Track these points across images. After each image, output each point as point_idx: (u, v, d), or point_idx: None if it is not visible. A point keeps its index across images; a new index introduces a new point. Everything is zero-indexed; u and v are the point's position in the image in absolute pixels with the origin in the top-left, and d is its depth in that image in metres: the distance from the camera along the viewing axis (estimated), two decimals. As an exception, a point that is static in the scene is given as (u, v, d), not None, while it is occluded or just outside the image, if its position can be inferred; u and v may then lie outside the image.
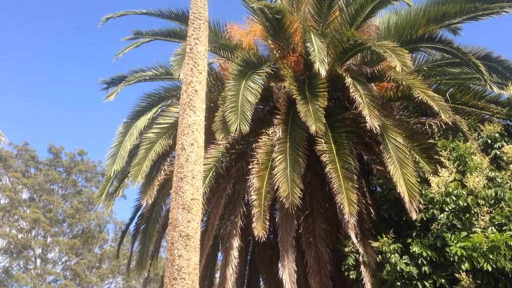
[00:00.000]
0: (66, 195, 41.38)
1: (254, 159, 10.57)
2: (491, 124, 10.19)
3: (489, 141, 9.86)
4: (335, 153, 10.09)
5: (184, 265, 5.97)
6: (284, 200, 9.51)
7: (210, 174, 10.86)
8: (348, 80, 10.28)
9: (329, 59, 10.74)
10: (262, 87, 10.67)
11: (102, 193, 12.64)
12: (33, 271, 37.01)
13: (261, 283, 15.99)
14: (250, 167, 10.55)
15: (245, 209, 11.01)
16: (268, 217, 9.91)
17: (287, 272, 9.74)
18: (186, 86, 7.19)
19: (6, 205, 37.53)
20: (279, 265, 9.94)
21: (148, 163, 11.06)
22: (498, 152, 9.55)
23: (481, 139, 9.99)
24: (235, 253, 10.91)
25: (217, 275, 13.79)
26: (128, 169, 11.81)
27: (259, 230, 9.55)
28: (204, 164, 10.78)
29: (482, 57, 11.60)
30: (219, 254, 14.11)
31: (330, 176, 9.83)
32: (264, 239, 9.66)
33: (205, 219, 13.03)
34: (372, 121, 9.41)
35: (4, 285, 36.61)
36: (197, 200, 6.54)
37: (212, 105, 11.48)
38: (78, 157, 41.15)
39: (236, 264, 10.96)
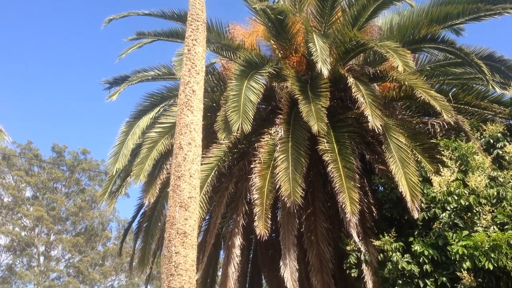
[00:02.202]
0: (69, 193, 41.52)
1: (256, 158, 10.62)
2: (493, 124, 10.21)
3: (491, 141, 9.88)
4: (337, 152, 10.13)
5: (181, 262, 6.06)
6: (286, 199, 9.56)
7: (212, 173, 10.92)
8: (350, 80, 10.31)
9: (332, 60, 10.77)
10: (265, 87, 10.71)
11: (105, 191, 12.73)
12: (37, 268, 37.16)
13: (263, 281, 16.05)
14: (252, 166, 10.60)
15: (247, 208, 11.06)
16: (270, 216, 9.96)
17: (288, 270, 9.78)
18: (184, 87, 7.30)
19: (10, 203, 37.68)
20: (281, 263, 9.97)
21: (150, 162, 11.12)
22: (500, 152, 9.57)
23: (483, 139, 10.00)
24: (237, 251, 10.95)
25: (219, 273, 13.84)
26: (130, 168, 11.87)
27: (261, 228, 9.60)
28: (206, 163, 10.93)
29: (485, 57, 11.61)
30: (222, 252, 14.15)
31: (332, 175, 9.87)
32: (266, 238, 9.71)
33: (207, 217, 13.09)
34: (374, 121, 9.45)
35: (8, 282, 36.76)
36: (194, 198, 6.63)
37: (214, 104, 11.55)
38: (81, 155, 41.30)
39: (238, 262, 11.00)
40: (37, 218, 37.12)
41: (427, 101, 9.78)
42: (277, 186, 9.85)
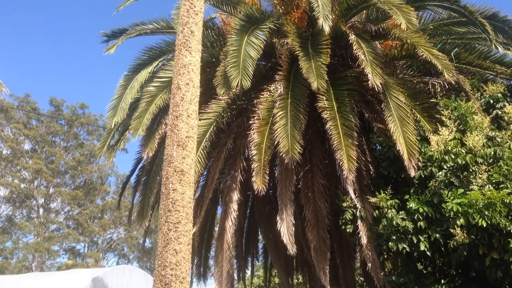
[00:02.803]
0: (68, 147, 41.67)
1: (255, 115, 10.60)
2: (494, 84, 10.16)
3: (491, 101, 9.86)
4: (336, 110, 10.11)
5: (179, 199, 6.17)
6: (284, 155, 9.60)
7: (211, 129, 10.92)
8: (352, 37, 10.17)
9: (333, 16, 10.58)
10: (265, 43, 10.56)
11: (103, 145, 12.75)
12: (36, 219, 37.74)
13: (260, 236, 16.37)
14: (251, 122, 10.59)
15: (245, 164, 11.13)
16: (267, 172, 10.03)
17: (285, 225, 9.93)
18: (182, 27, 7.23)
19: (8, 155, 37.86)
20: (278, 218, 10.12)
21: (149, 116, 11.09)
22: (500, 112, 9.57)
23: (483, 99, 9.98)
24: (234, 206, 11.10)
25: (217, 228, 14.05)
26: (129, 122, 11.85)
27: (258, 184, 9.68)
28: (205, 119, 10.92)
29: (489, 16, 11.41)
30: (219, 208, 14.34)
31: (330, 133, 9.88)
32: (264, 193, 9.80)
33: (205, 173, 13.19)
34: (374, 79, 9.38)
35: (8, 232, 37.38)
36: (192, 138, 6.70)
37: (213, 60, 11.42)
38: (80, 110, 41.22)
39: (235, 216, 11.17)
40: (36, 171, 37.38)
41: (429, 59, 9.68)
42: (275, 143, 9.87)
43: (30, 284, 17.22)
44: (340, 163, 9.50)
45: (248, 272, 17.93)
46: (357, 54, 9.89)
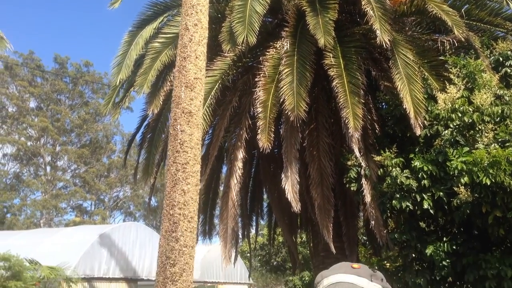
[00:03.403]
0: (73, 105, 41.72)
1: (260, 72, 10.49)
2: (504, 42, 9.96)
3: (501, 59, 9.68)
4: (343, 67, 9.98)
5: (187, 140, 6.18)
6: (289, 113, 9.55)
7: (216, 86, 10.85)
8: (361, -9, 9.93)
9: (342, -30, 10.32)
10: (271, -2, 10.35)
11: (108, 101, 12.72)
12: (43, 177, 38.21)
13: (264, 195, 16.51)
14: (256, 79, 10.50)
15: (250, 122, 11.10)
16: (273, 130, 10.01)
17: (290, 183, 9.97)
18: None
19: (14, 113, 37.99)
20: (283, 175, 10.15)
21: (153, 73, 11.01)
22: (509, 70, 9.41)
23: (492, 57, 9.80)
24: (239, 164, 11.13)
25: (222, 187, 14.17)
26: (134, 79, 11.79)
27: (263, 141, 9.68)
28: (210, 76, 10.82)
29: (501, -29, 11.11)
30: (224, 167, 14.41)
31: (336, 91, 9.79)
32: (269, 151, 9.80)
33: (210, 131, 13.20)
34: (383, 35, 9.21)
35: (16, 189, 37.94)
36: (200, 80, 6.66)
37: (219, 15, 11.23)
38: (84, 68, 41.02)
39: (240, 175, 11.21)
40: (42, 129, 37.57)
41: (439, 15, 9.47)
42: (281, 100, 9.81)
43: (38, 239, 17.59)
44: (346, 121, 9.45)
45: (253, 231, 18.21)
46: (365, 10, 9.68)
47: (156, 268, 4.96)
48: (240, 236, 16.16)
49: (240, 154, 11.19)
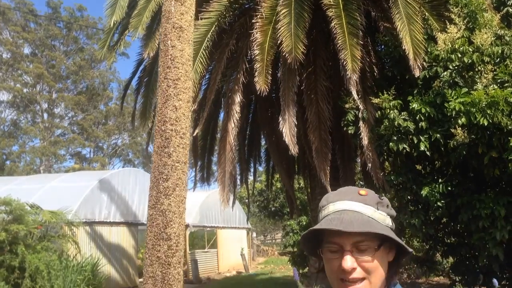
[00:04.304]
0: (68, 51, 41.11)
1: (258, 14, 10.25)
2: (507, -19, 9.69)
3: (503, -2, 9.46)
4: (341, 8, 9.73)
5: (178, 55, 6.08)
6: (287, 55, 9.41)
7: (213, 28, 10.64)
8: None
9: None
10: None
11: (103, 45, 12.50)
12: (41, 124, 38.18)
13: (262, 142, 16.58)
14: (253, 21, 10.28)
15: (247, 66, 10.97)
16: (270, 72, 9.89)
17: (287, 126, 9.95)
18: None
19: (9, 59, 37.45)
20: (280, 119, 10.12)
21: (148, 14, 10.77)
22: (511, 10, 9.21)
23: (495, -4, 9.58)
24: (237, 108, 11.09)
25: (219, 135, 14.18)
26: (128, 21, 11.55)
27: (261, 84, 9.59)
28: (206, 18, 10.58)
29: None
30: (222, 114, 14.35)
31: (335, 32, 9.59)
32: (266, 94, 9.73)
33: (207, 76, 13.08)
34: (383, -27, 8.95)
35: (14, 136, 38.00)
36: None
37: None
38: (78, 12, 40.14)
39: (238, 119, 11.18)
40: (37, 75, 37.18)
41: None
42: (279, 42, 9.64)
43: (38, 185, 17.75)
44: (344, 63, 9.33)
45: (251, 177, 18.40)
46: None
47: (150, 183, 4.96)
48: (239, 182, 16.35)
49: (238, 98, 11.12)
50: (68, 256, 13.69)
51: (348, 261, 1.42)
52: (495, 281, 5.89)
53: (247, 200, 20.74)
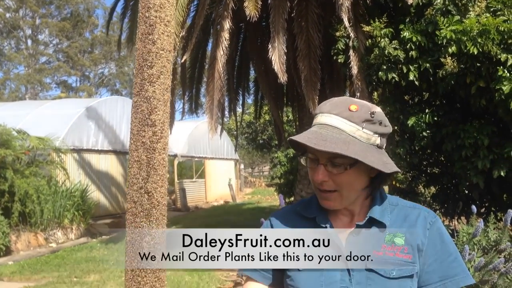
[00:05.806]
0: (51, -25, 39.48)
1: None
2: None
3: None
4: None
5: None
6: (278, -21, 9.14)
7: (202, -51, 10.23)
8: None
9: None
10: None
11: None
12: (25, 51, 37.29)
13: (251, 73, 16.43)
14: None
15: (237, -8, 10.66)
16: (260, -2, 9.65)
17: (277, 53, 9.84)
18: None
19: (-11, -18, 35.99)
20: (269, 46, 9.99)
21: None
22: None
23: None
24: (226, 35, 10.86)
25: (208, 65, 13.97)
26: None
27: (251, 9, 9.38)
28: None
29: None
30: (210, 44, 14.07)
31: (328, -44, 9.30)
32: (256, 19, 9.53)
33: (195, 1, 12.73)
34: None
35: (-2, 63, 37.27)
36: None
37: None
38: None
39: (227, 46, 10.98)
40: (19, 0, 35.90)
41: None
42: (270, -35, 9.34)
43: (24, 111, 17.60)
44: (336, -12, 9.10)
45: (239, 108, 18.39)
46: None
47: (134, 71, 4.88)
48: (227, 112, 16.37)
49: (227, 25, 10.87)
50: (57, 182, 13.84)
51: (319, 174, 1.48)
52: (474, 207, 6.08)
53: (235, 132, 20.86)
